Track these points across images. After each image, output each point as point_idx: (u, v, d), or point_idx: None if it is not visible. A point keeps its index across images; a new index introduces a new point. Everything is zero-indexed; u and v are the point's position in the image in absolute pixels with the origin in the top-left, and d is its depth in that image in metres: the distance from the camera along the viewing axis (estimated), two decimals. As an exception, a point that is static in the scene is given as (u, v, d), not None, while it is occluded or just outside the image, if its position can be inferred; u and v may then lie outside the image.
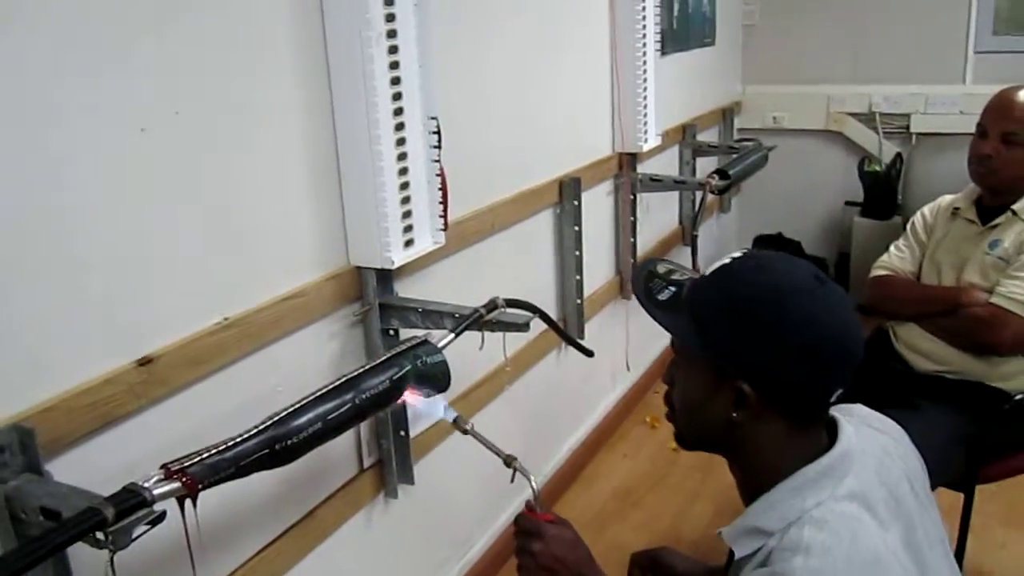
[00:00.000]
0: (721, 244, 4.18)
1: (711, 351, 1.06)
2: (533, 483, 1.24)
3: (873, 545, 0.99)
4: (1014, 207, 2.02)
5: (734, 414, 1.05)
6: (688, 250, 3.36)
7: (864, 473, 1.06)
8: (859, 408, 1.19)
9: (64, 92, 1.12)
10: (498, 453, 1.29)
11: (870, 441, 1.11)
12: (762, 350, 1.02)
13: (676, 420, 1.17)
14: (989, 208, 2.09)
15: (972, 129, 2.09)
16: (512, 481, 1.28)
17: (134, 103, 1.22)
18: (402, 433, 1.83)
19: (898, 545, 1.03)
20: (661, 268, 1.18)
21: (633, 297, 3.10)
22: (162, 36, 1.25)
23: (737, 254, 1.11)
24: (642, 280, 1.18)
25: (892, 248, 2.29)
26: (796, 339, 1.01)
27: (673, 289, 1.14)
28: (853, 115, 4.09)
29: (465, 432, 1.33)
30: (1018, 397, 1.95)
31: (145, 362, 1.25)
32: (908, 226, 2.28)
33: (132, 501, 0.95)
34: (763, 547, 1.02)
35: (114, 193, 1.20)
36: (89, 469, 1.16)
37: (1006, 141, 2.00)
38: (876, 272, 2.26)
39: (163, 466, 1.01)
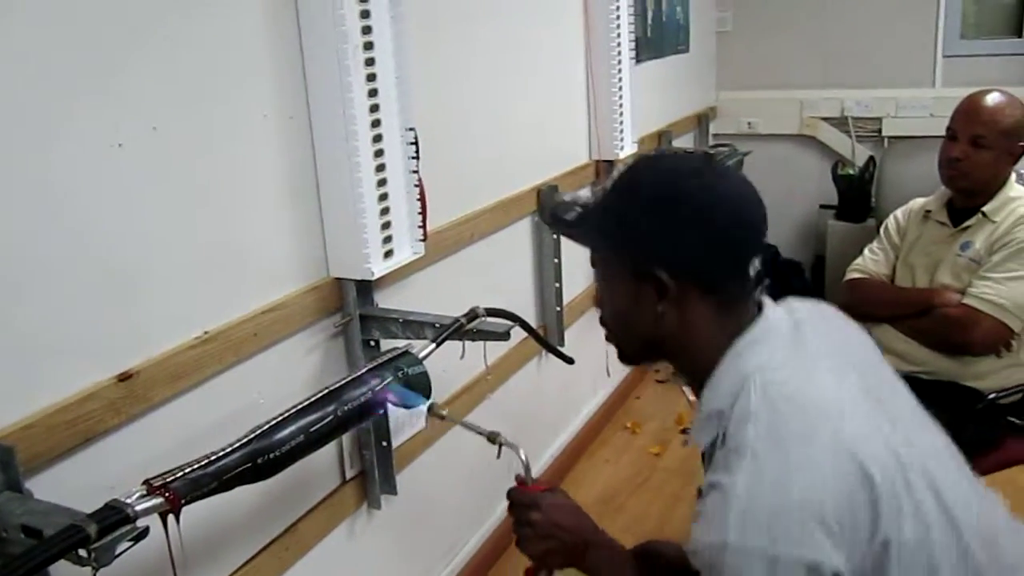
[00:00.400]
0: (698, 249, 4.20)
1: (622, 251, 1.09)
2: (521, 455, 1.24)
3: (821, 395, 1.01)
4: (984, 209, 2.06)
5: (659, 307, 1.07)
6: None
7: (801, 335, 1.08)
8: (790, 299, 1.21)
9: (45, 108, 1.12)
10: (480, 431, 1.28)
11: (804, 313, 1.14)
12: (666, 233, 1.05)
13: (614, 336, 1.18)
14: (960, 210, 2.13)
15: (943, 132, 2.13)
16: (499, 457, 1.27)
17: (112, 118, 1.21)
18: (384, 443, 1.83)
19: (854, 390, 1.04)
20: (568, 197, 1.21)
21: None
22: (141, 48, 1.25)
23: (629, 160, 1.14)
24: (549, 209, 1.22)
25: (866, 251, 2.32)
26: (695, 215, 1.04)
27: (579, 209, 1.18)
28: (826, 119, 4.14)
29: (443, 418, 1.33)
30: (991, 396, 1.99)
31: (125, 377, 1.24)
32: (881, 229, 2.32)
33: (115, 518, 0.94)
34: (720, 428, 1.04)
35: (92, 209, 1.20)
36: (70, 486, 1.16)
37: (975, 144, 2.04)
38: (851, 275, 2.29)
39: (145, 482, 1.01)
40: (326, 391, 1.25)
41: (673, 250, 1.05)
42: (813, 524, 0.94)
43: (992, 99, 2.06)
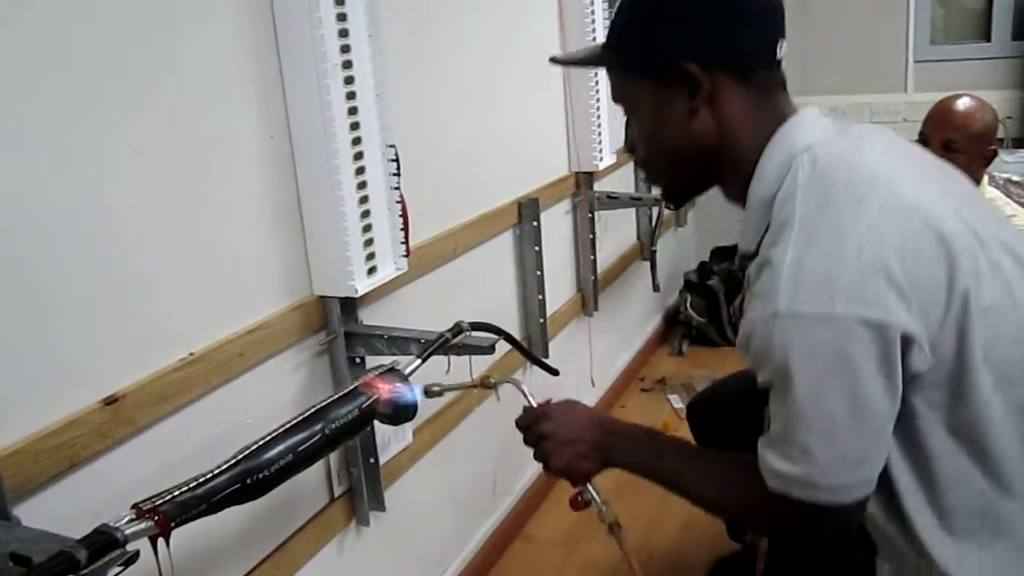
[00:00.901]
0: (679, 258, 4.23)
1: (647, 58, 1.05)
2: (521, 386, 1.22)
3: (876, 164, 0.95)
4: (958, 212, 2.09)
5: (692, 104, 1.02)
6: (647, 265, 3.41)
7: (846, 126, 1.03)
8: None
9: (23, 131, 1.12)
10: (472, 385, 1.28)
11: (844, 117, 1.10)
12: (690, 22, 1.01)
13: (656, 171, 1.13)
14: (935, 214, 2.16)
15: (915, 136, 2.16)
16: (498, 399, 1.26)
17: (92, 142, 1.22)
18: (372, 460, 1.83)
19: (911, 166, 0.98)
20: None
21: (595, 313, 3.13)
22: (121, 69, 1.25)
23: None
24: (562, 57, 1.22)
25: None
26: None
27: (589, 47, 1.17)
28: (801, 126, 4.18)
29: (440, 394, 1.31)
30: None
31: (111, 401, 1.24)
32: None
33: (105, 542, 0.94)
34: (768, 217, 0.98)
35: (74, 231, 1.20)
36: (58, 512, 1.15)
37: (947, 148, 2.07)
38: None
39: (135, 506, 1.00)
40: (313, 409, 1.25)
41: (699, 38, 1.01)
42: (878, 280, 0.86)
43: (963, 104, 2.09)
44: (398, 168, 1.68)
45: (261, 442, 1.15)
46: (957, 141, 2.06)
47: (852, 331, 0.86)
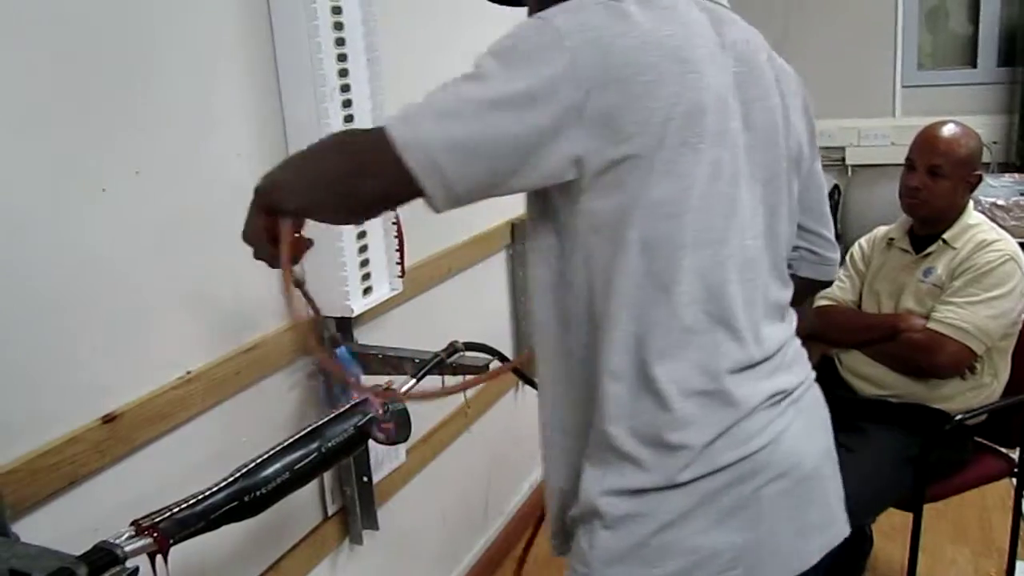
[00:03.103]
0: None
1: None
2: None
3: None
4: (944, 236, 2.12)
5: None
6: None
7: None
8: None
9: (25, 152, 1.14)
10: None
11: None
12: None
13: None
14: (921, 237, 2.19)
15: (903, 160, 2.19)
16: (305, 297, 1.30)
17: (95, 163, 1.24)
18: (365, 479, 1.84)
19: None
20: None
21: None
22: (124, 95, 1.28)
23: None
24: None
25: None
26: None
27: None
28: (791, 149, 4.23)
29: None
30: (958, 417, 2.03)
31: (109, 419, 1.25)
32: (847, 258, 2.38)
33: (104, 559, 0.95)
34: None
35: (73, 252, 1.21)
36: (57, 529, 1.17)
37: (933, 174, 2.10)
38: (819, 302, 2.34)
39: (134, 522, 1.02)
40: (310, 428, 1.27)
41: None
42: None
43: (948, 130, 2.12)
44: (394, 190, 1.70)
45: (259, 460, 1.17)
46: (942, 167, 2.09)
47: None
